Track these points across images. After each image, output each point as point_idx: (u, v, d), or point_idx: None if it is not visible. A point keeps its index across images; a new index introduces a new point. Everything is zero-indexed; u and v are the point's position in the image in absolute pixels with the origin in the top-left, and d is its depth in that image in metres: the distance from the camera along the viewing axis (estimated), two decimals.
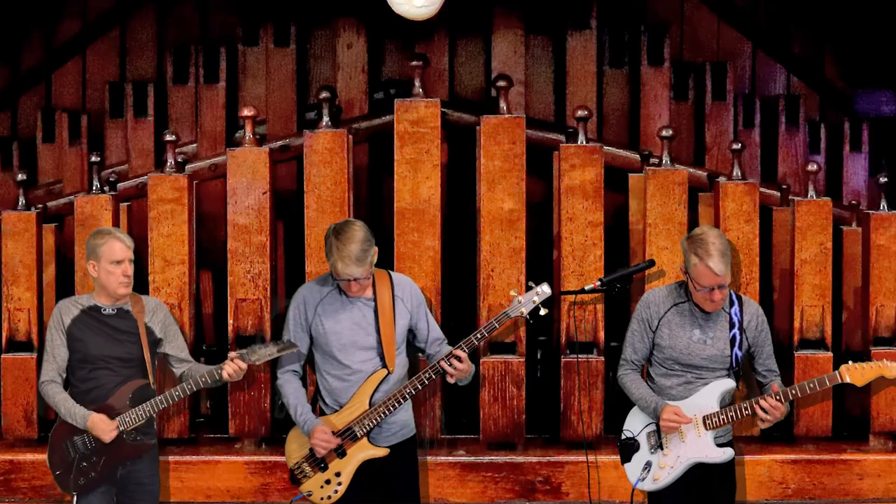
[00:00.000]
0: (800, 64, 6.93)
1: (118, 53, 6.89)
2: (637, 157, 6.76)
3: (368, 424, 7.43)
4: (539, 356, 7.09)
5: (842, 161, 6.88)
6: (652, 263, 7.50)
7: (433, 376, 7.35)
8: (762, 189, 6.65)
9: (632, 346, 7.39)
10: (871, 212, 6.60)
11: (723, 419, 7.22)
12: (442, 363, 7.26)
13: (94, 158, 6.61)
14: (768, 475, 6.98)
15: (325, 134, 6.50)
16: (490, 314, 6.95)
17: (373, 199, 6.59)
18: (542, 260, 6.92)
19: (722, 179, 6.64)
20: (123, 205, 6.66)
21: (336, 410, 7.59)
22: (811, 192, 6.57)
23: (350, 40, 6.86)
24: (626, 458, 7.34)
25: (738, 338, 7.29)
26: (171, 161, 6.52)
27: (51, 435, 7.66)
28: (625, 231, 6.92)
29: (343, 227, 7.22)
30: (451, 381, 7.32)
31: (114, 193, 6.60)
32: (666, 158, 6.59)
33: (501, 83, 6.64)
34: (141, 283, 6.89)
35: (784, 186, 6.78)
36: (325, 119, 6.54)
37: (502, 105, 6.59)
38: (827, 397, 7.18)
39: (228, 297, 6.74)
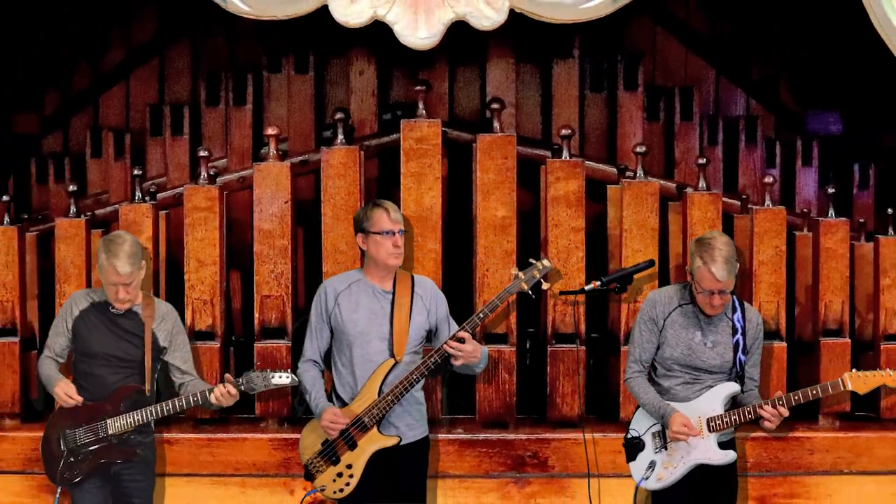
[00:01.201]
0: (758, 89, 6.92)
1: (157, 79, 6.89)
2: (614, 170, 6.73)
3: (378, 414, 6.93)
4: (528, 346, 7.03)
5: (795, 174, 6.89)
6: (652, 263, 7.16)
7: (439, 360, 6.82)
8: (724, 199, 6.63)
9: (640, 346, 6.99)
10: (820, 219, 6.60)
11: (726, 422, 6.81)
12: (445, 346, 6.77)
13: (136, 172, 6.58)
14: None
15: (340, 150, 6.47)
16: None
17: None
18: (529, 262, 6.59)
19: (689, 190, 6.62)
20: (162, 213, 6.67)
21: (347, 403, 7.04)
22: (768, 202, 6.54)
23: (362, 68, 6.83)
24: (631, 457, 6.95)
25: (741, 343, 6.89)
26: (204, 174, 6.50)
27: (46, 425, 7.19)
28: (603, 236, 6.86)
29: (370, 203, 6.73)
30: (458, 363, 6.83)
31: (154, 203, 6.60)
32: (640, 172, 6.56)
33: (495, 105, 6.61)
34: (178, 282, 6.78)
35: (744, 196, 6.75)
36: (340, 137, 6.51)
37: (495, 125, 6.57)
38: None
39: (255, 294, 6.68)
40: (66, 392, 6.98)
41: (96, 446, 7.01)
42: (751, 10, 6.82)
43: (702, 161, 6.63)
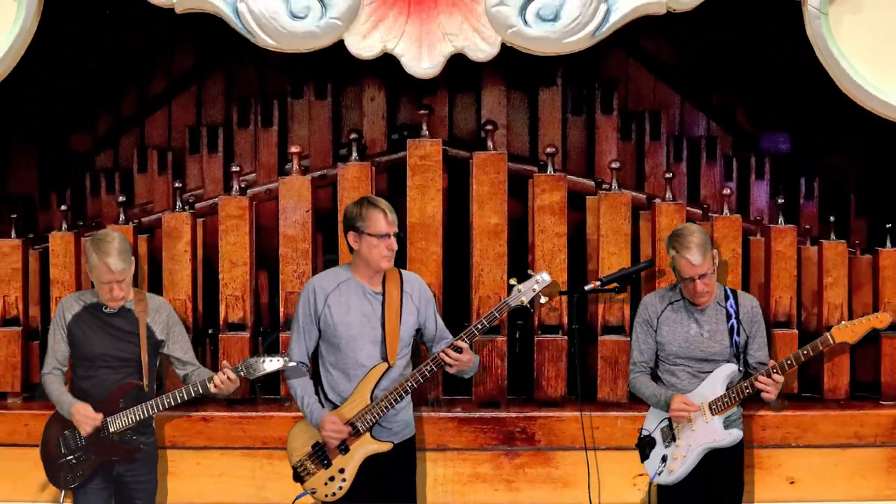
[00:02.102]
0: (717, 113, 6.92)
1: (195, 104, 6.88)
2: (592, 184, 6.74)
3: (370, 419, 6.43)
4: (517, 336, 6.99)
5: (749, 187, 6.90)
6: (651, 263, 7.02)
7: (434, 368, 6.42)
8: (688, 208, 6.65)
9: (638, 349, 6.73)
10: (771, 226, 6.61)
11: (727, 402, 6.47)
12: (442, 355, 6.36)
13: (177, 185, 6.63)
14: None
15: (354, 166, 6.48)
16: (480, 304, 6.76)
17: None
18: (519, 263, 6.78)
19: (657, 201, 6.63)
20: (199, 220, 6.66)
21: (337, 406, 6.55)
22: (726, 211, 6.56)
23: (373, 94, 6.83)
24: (644, 456, 6.67)
25: (735, 327, 6.58)
26: (236, 187, 6.52)
27: (44, 428, 6.72)
28: (583, 240, 6.84)
29: (366, 196, 6.39)
30: (451, 371, 6.42)
31: (192, 211, 6.62)
32: (614, 185, 6.57)
33: (488, 127, 6.63)
34: (213, 281, 6.73)
35: (705, 206, 6.77)
36: (354, 155, 6.53)
37: (489, 144, 6.59)
38: None
39: (280, 291, 6.64)
40: (85, 415, 6.45)
41: (97, 446, 6.52)
42: (712, 45, 6.80)
43: (668, 175, 6.65)
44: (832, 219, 6.68)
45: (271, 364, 6.40)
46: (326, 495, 6.50)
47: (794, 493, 6.82)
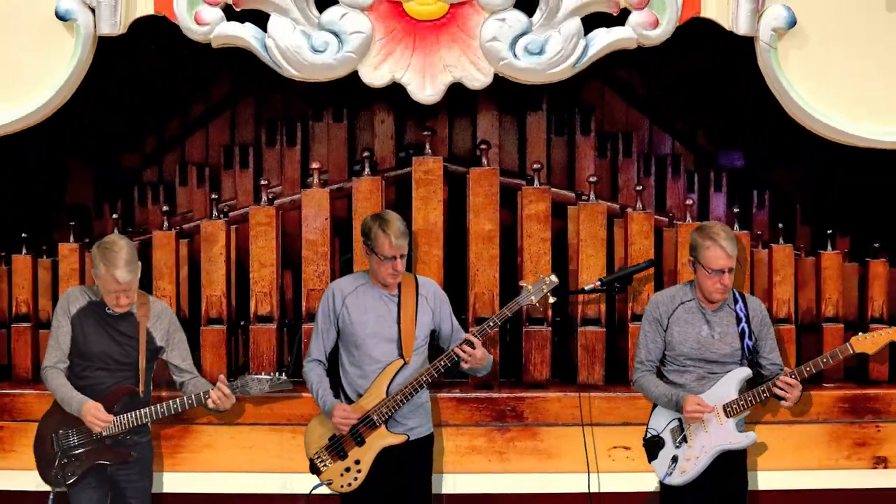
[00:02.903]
0: (681, 134, 6.88)
1: (229, 127, 6.87)
2: (573, 195, 6.73)
3: (386, 412, 6.14)
4: (508, 327, 6.95)
5: (708, 198, 6.88)
6: (651, 263, 6.73)
7: (448, 364, 6.14)
8: (656, 217, 6.65)
9: (645, 347, 6.26)
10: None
11: (742, 405, 6.03)
12: (456, 350, 6.09)
13: (213, 196, 6.67)
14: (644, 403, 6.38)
15: (367, 180, 6.50)
16: (476, 299, 6.74)
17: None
18: (510, 264, 6.82)
19: (629, 210, 6.64)
20: (232, 227, 6.69)
21: (354, 402, 6.28)
22: (688, 219, 6.56)
23: (383, 118, 6.84)
24: (652, 456, 6.22)
25: (746, 330, 6.13)
26: (264, 198, 6.53)
27: (38, 425, 6.23)
28: (565, 244, 6.86)
29: (383, 213, 6.20)
30: (465, 367, 6.15)
31: (227, 219, 6.63)
32: (592, 196, 6.57)
33: (483, 146, 6.64)
34: (244, 279, 6.78)
35: (670, 215, 6.76)
36: (367, 170, 6.55)
37: (484, 161, 6.60)
38: None
39: (302, 288, 6.64)
40: (97, 416, 5.93)
41: (89, 447, 6.07)
42: (676, 75, 6.79)
43: (639, 188, 6.66)
44: (780, 226, 6.68)
45: (264, 385, 6.09)
46: (342, 486, 6.24)
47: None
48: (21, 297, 6.70)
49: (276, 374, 6.17)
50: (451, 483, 6.59)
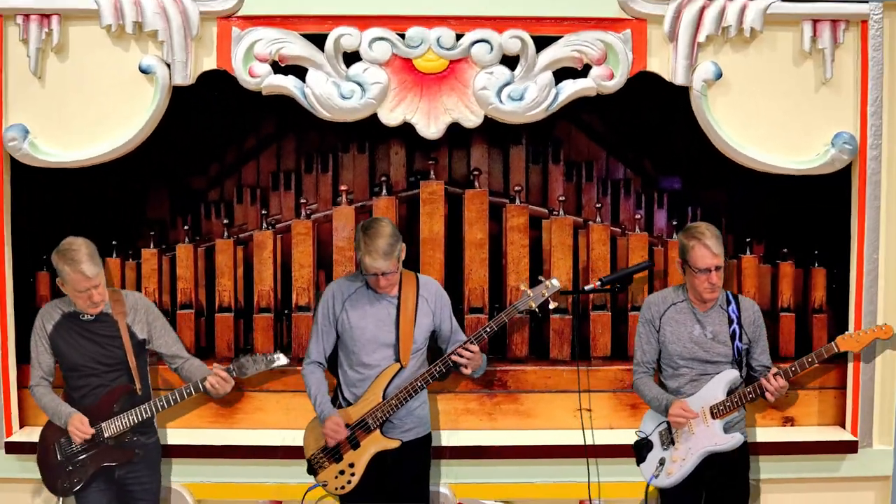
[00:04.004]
0: (631, 163, 6.77)
1: (276, 157, 6.74)
2: (546, 211, 6.71)
3: (381, 416, 5.58)
4: (495, 314, 6.62)
5: (653, 213, 6.77)
6: (652, 264, 6.49)
7: (443, 369, 5.67)
8: (612, 228, 6.69)
9: (640, 348, 5.79)
10: (668, 240, 6.68)
11: (728, 406, 5.46)
12: (453, 356, 5.65)
13: (263, 212, 6.73)
14: (615, 377, 6.62)
15: (384, 199, 6.58)
16: (470, 293, 6.70)
17: (410, 234, 6.39)
18: (496, 265, 6.79)
19: (590, 223, 6.67)
20: (278, 236, 6.69)
21: (352, 403, 5.73)
22: (637, 230, 6.64)
23: (397, 150, 6.75)
24: (640, 459, 5.72)
25: (738, 332, 5.57)
26: (303, 213, 6.62)
27: (40, 435, 5.55)
28: (540, 250, 6.81)
29: (371, 224, 5.69)
30: (465, 372, 5.72)
31: (274, 230, 6.67)
32: (561, 212, 6.65)
33: (475, 172, 6.73)
34: (287, 278, 6.72)
35: (623, 226, 6.74)
36: (384, 191, 6.63)
37: (476, 184, 6.67)
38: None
39: None
40: (78, 429, 5.25)
41: (93, 451, 5.39)
42: (628, 115, 6.64)
43: (598, 205, 6.74)
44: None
45: (260, 364, 5.64)
46: (336, 488, 5.70)
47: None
48: None
49: (273, 353, 5.71)
50: (446, 437, 6.52)
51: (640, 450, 5.68)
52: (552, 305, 5.81)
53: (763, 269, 6.67)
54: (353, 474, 5.61)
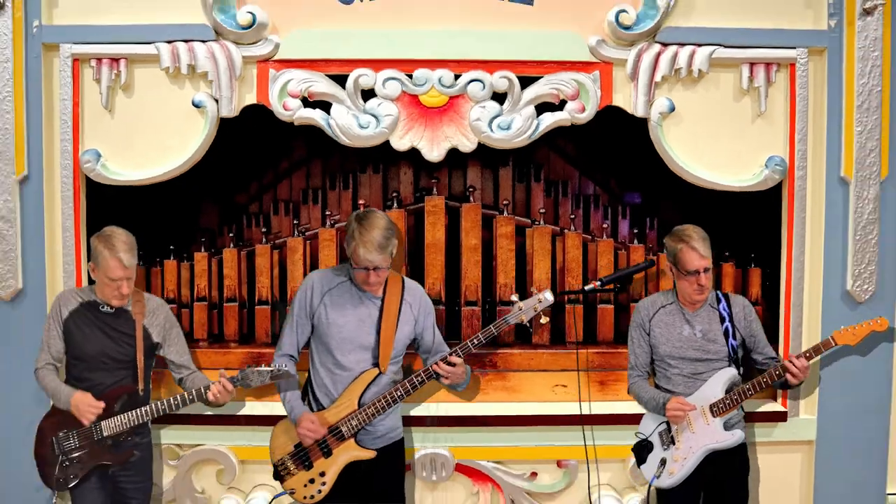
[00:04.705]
0: (599, 182, 6.81)
1: (305, 176, 6.77)
2: (529, 221, 6.72)
3: (356, 425, 4.63)
4: (487, 307, 6.85)
5: (618, 223, 6.79)
6: (652, 264, 6.09)
7: (425, 380, 4.82)
8: (583, 235, 6.72)
9: (633, 353, 5.26)
10: (630, 245, 6.71)
11: (728, 404, 4.89)
12: (435, 367, 4.82)
13: (295, 222, 6.79)
14: (586, 358, 6.51)
15: (395, 211, 6.61)
16: (466, 289, 6.64)
17: (417, 240, 6.42)
18: (487, 266, 6.79)
19: (566, 231, 6.71)
20: (308, 242, 6.69)
21: (325, 407, 4.75)
22: (604, 237, 6.69)
23: (405, 170, 6.80)
24: (641, 460, 5.10)
25: (730, 330, 4.99)
26: (328, 223, 6.66)
27: (38, 427, 4.85)
28: (524, 254, 6.82)
29: (367, 214, 4.84)
30: (445, 383, 4.90)
31: (304, 237, 6.68)
32: (541, 222, 6.73)
33: (471, 189, 6.82)
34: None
35: (593, 234, 6.81)
36: (395, 205, 6.68)
37: (471, 199, 6.75)
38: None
39: None
40: (87, 404, 4.51)
41: (90, 449, 4.71)
42: (597, 141, 6.69)
43: (572, 217, 6.85)
44: (664, 241, 6.41)
45: (265, 376, 4.72)
46: (305, 497, 4.70)
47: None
48: (169, 287, 6.66)
49: (276, 366, 4.81)
50: (445, 409, 6.39)
51: (640, 451, 5.09)
52: (543, 320, 5.28)
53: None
54: (323, 483, 4.69)
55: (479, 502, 6.41)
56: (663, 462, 4.90)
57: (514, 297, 5.23)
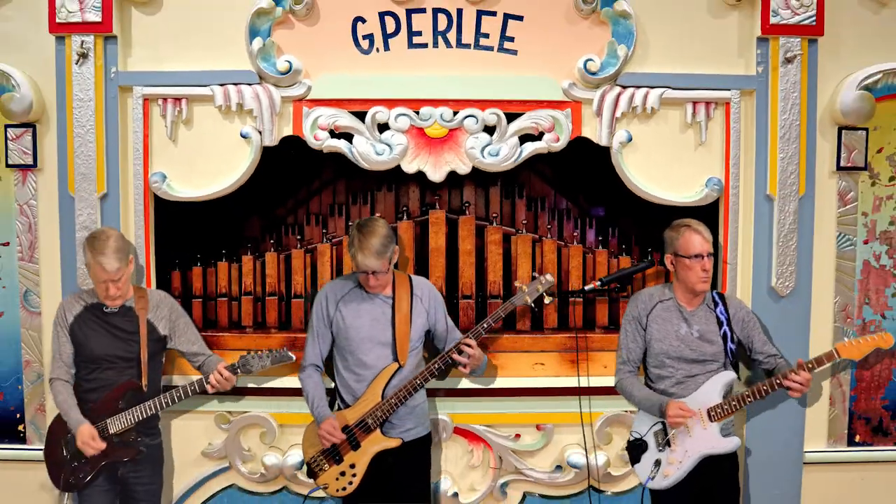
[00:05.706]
0: (571, 198, 6.83)
1: (332, 193, 6.76)
2: (514, 230, 6.77)
3: (381, 416, 4.26)
4: (479, 300, 6.80)
5: (586, 232, 6.78)
6: (652, 264, 5.57)
7: (442, 366, 4.37)
8: (558, 242, 6.77)
9: (626, 347, 4.38)
10: (596, 250, 6.74)
11: (726, 409, 4.12)
12: (451, 353, 4.35)
13: (324, 231, 6.85)
14: (560, 342, 6.52)
15: (405, 223, 6.68)
16: (462, 287, 6.67)
17: (422, 246, 6.41)
18: (480, 267, 6.84)
19: (544, 238, 6.76)
20: (334, 247, 6.75)
21: (350, 405, 4.37)
22: (574, 243, 6.76)
23: (413, 189, 6.83)
24: (635, 460, 4.34)
25: (728, 334, 4.21)
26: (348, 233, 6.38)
27: (48, 430, 4.32)
28: (510, 258, 6.86)
29: (367, 222, 4.32)
30: (465, 371, 4.32)
31: (331, 243, 6.74)
32: (524, 231, 6.77)
33: (466, 204, 6.88)
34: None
35: (566, 241, 6.86)
36: (405, 217, 6.74)
37: (467, 212, 6.80)
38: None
39: None
40: (89, 441, 3.93)
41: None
42: (571, 165, 6.66)
43: (549, 227, 6.88)
44: (623, 247, 6.82)
45: (265, 360, 4.24)
46: (338, 490, 4.39)
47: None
48: (221, 284, 6.73)
49: (278, 350, 4.32)
50: (446, 382, 6.29)
51: (634, 450, 4.36)
52: (547, 301, 4.82)
53: (659, 271, 6.65)
54: (354, 475, 4.31)
55: (473, 458, 6.44)
56: (658, 463, 4.19)
57: (518, 284, 4.92)
